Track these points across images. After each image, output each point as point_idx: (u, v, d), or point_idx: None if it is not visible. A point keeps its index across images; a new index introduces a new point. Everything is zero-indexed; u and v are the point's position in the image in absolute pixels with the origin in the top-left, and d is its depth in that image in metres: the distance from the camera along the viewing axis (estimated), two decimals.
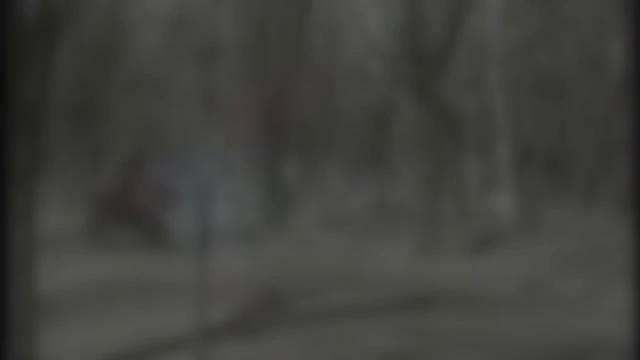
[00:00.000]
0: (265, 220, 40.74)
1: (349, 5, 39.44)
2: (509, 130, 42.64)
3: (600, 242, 25.38)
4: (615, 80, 41.37)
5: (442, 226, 27.84)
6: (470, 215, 41.41)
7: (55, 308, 14.16)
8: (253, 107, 46.04)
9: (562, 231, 29.01)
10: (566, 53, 48.68)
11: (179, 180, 24.38)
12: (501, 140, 45.51)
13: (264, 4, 41.34)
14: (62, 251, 22.99)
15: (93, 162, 57.29)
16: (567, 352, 11.67)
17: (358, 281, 19.79)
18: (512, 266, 22.64)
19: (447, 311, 15.62)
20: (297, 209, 37.50)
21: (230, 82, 57.27)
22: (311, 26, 50.15)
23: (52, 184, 60.28)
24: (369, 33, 37.79)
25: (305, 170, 56.72)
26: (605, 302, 16.84)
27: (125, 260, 21.67)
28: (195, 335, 9.83)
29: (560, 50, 48.82)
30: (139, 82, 56.73)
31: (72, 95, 50.33)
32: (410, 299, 16.89)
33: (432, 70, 27.50)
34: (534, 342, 12.30)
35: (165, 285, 16.79)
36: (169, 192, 23.75)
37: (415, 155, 33.43)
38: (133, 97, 59.51)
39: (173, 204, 23.69)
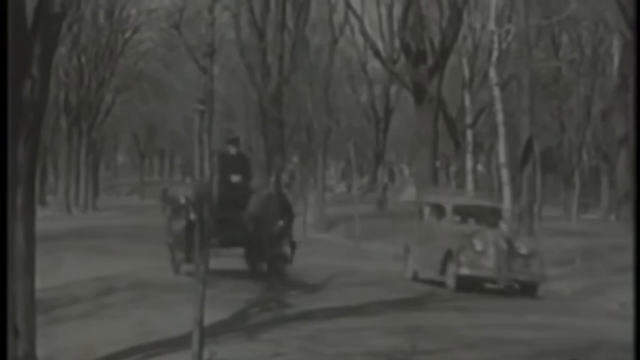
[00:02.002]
0: None
1: (349, 5, 39.43)
2: (508, 130, 42.54)
3: (600, 242, 25.37)
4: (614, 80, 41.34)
5: None
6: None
7: (55, 308, 14.16)
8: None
9: (561, 231, 29.00)
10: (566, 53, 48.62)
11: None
12: (500, 140, 45.42)
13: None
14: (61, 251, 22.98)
15: (94, 161, 57.27)
16: (567, 351, 11.67)
17: (358, 280, 19.77)
18: None
19: (446, 309, 15.62)
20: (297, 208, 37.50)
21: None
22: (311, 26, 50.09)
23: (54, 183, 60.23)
24: (369, 33, 37.78)
25: (305, 169, 56.63)
26: (604, 302, 16.85)
27: (125, 260, 21.66)
28: (195, 335, 9.83)
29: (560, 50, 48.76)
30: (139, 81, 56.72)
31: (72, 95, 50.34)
32: (409, 297, 16.89)
33: (431, 70, 27.48)
34: (533, 341, 12.30)
35: (165, 284, 16.80)
36: None
37: (414, 155, 33.44)
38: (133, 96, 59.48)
39: None
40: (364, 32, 37.88)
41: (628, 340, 9.60)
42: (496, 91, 44.65)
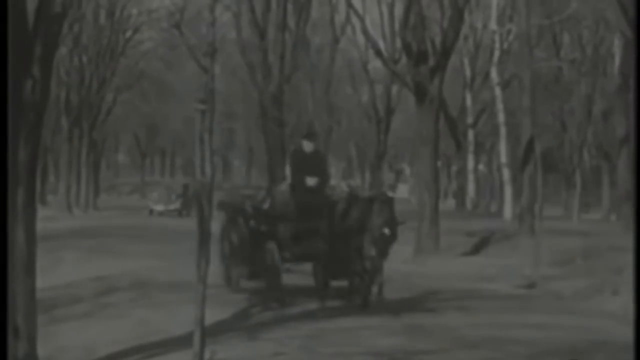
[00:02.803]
0: None
1: (350, 4, 39.40)
2: (509, 130, 42.58)
3: (601, 242, 25.37)
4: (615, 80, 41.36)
5: (442, 225, 27.80)
6: (471, 215, 41.27)
7: (55, 308, 14.17)
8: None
9: (562, 230, 28.99)
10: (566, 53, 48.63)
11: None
12: (501, 140, 45.48)
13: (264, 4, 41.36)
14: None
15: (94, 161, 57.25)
16: (567, 351, 11.68)
17: None
18: (512, 265, 22.62)
19: (447, 310, 15.61)
20: None
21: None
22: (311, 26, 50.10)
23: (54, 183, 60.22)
24: (370, 32, 37.77)
25: None
26: (605, 302, 16.84)
27: (125, 259, 21.68)
28: (196, 335, 9.83)
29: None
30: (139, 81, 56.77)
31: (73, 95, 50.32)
32: (409, 296, 16.89)
33: (432, 70, 27.46)
34: (533, 341, 12.31)
35: (166, 284, 16.80)
36: None
37: (415, 155, 33.44)
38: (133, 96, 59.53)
39: None
40: (365, 32, 37.84)
41: (628, 340, 9.61)
42: (497, 91, 44.82)
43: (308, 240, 15.20)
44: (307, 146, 16.02)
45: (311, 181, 15.53)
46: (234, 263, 16.20)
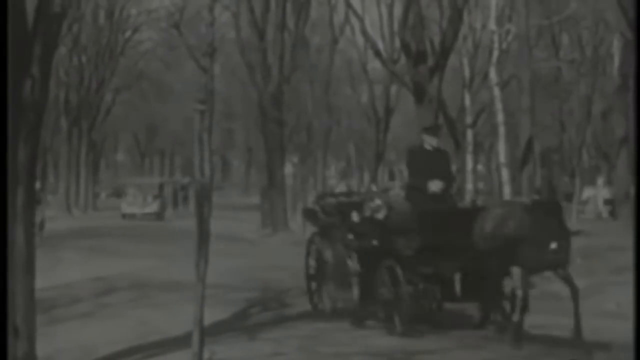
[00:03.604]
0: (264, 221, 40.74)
1: (349, 4, 39.39)
2: (508, 130, 42.57)
3: (600, 242, 25.35)
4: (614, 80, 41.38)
5: None
6: None
7: (55, 308, 14.17)
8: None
9: None
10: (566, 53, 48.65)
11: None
12: (500, 140, 45.44)
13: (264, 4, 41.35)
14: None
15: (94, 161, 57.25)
16: (566, 352, 11.67)
17: None
18: None
19: (445, 309, 15.59)
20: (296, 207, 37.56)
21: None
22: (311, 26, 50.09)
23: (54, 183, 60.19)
24: (369, 33, 37.74)
25: (304, 169, 56.67)
26: (604, 302, 16.84)
27: (125, 260, 21.68)
28: (195, 335, 9.83)
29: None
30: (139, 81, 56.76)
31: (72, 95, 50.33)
32: None
33: (431, 70, 27.46)
34: (533, 341, 12.30)
35: (165, 284, 16.81)
36: None
37: None
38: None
39: None
40: (364, 32, 37.83)
41: (628, 340, 9.61)
42: (496, 91, 44.71)
43: (438, 257, 12.53)
44: (431, 141, 13.41)
45: (435, 185, 12.91)
46: (329, 287, 13.89)
